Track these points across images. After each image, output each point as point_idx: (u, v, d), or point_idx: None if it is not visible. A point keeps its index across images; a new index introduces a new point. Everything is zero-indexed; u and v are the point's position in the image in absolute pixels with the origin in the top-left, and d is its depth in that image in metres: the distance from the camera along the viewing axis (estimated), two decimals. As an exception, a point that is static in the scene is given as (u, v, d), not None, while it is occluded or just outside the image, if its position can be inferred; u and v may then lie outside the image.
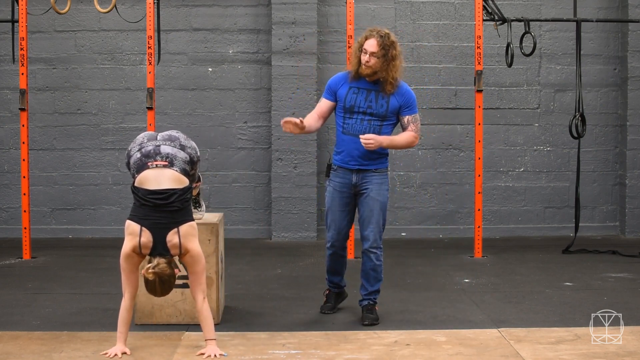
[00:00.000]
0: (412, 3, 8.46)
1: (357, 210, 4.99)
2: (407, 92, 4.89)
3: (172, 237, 4.10)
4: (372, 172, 4.88)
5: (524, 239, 8.37)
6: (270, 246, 7.96)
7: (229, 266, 6.37)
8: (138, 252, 4.11)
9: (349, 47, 7.07)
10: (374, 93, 4.84)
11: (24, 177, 7.05)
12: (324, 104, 5.02)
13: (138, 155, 4.22)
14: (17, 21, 7.00)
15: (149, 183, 4.14)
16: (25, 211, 7.06)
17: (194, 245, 4.16)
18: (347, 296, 5.29)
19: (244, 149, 8.45)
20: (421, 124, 8.63)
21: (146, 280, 4.05)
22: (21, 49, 6.94)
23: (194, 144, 4.38)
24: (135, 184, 4.18)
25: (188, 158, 4.28)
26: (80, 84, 8.38)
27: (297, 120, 4.79)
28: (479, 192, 7.14)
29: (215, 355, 4.13)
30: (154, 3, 7.10)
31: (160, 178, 4.15)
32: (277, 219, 8.26)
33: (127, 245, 4.11)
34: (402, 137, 4.88)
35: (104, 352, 4.18)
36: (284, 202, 8.25)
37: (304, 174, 8.20)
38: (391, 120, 4.88)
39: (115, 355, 4.14)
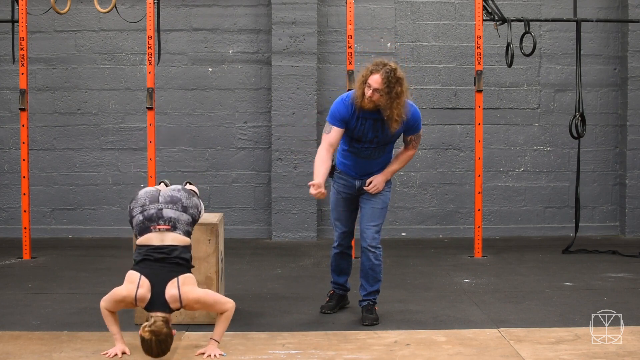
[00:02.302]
0: (412, 3, 8.46)
1: (359, 208, 5.00)
2: (412, 118, 4.76)
3: (170, 289, 4.07)
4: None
5: (524, 239, 8.37)
6: (270, 246, 7.96)
7: (229, 266, 6.37)
8: (132, 302, 4.07)
9: (349, 47, 7.07)
10: (380, 122, 4.72)
11: (24, 177, 7.05)
12: (337, 132, 4.73)
13: (140, 217, 4.26)
14: (17, 21, 7.00)
15: (151, 242, 4.20)
16: (25, 211, 7.06)
17: (196, 292, 4.12)
18: (348, 303, 5.28)
19: (244, 149, 8.45)
20: (421, 124, 8.67)
21: (142, 340, 3.94)
22: (21, 49, 6.94)
23: (195, 202, 4.41)
24: (137, 244, 4.24)
25: (190, 219, 4.33)
26: (80, 84, 8.38)
27: (323, 191, 4.60)
28: (479, 192, 7.14)
29: (215, 355, 4.13)
30: (154, 3, 7.10)
31: (164, 239, 4.21)
32: (277, 219, 8.26)
33: (123, 290, 4.09)
34: (400, 162, 4.95)
35: (104, 352, 4.18)
36: (284, 202, 8.25)
37: (304, 174, 8.20)
38: (394, 142, 4.92)
39: (116, 355, 4.14)
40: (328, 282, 5.40)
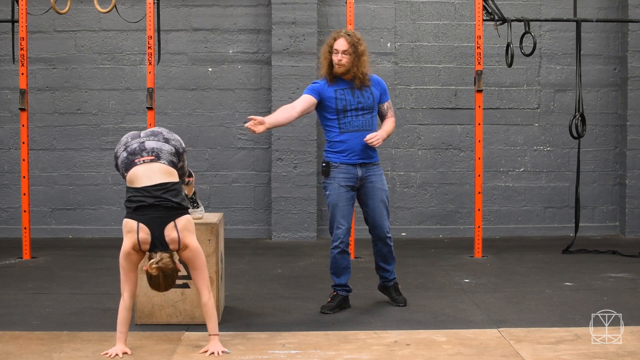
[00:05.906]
0: (412, 3, 8.46)
1: (364, 204, 5.15)
2: (380, 81, 5.21)
3: (170, 232, 4.13)
4: (372, 165, 5.12)
5: (524, 239, 8.37)
6: (270, 246, 7.96)
7: (229, 266, 6.38)
8: (137, 249, 4.13)
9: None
10: (357, 89, 5.05)
11: (24, 177, 7.05)
12: (308, 98, 5.09)
13: (124, 154, 4.28)
14: (17, 21, 7.00)
15: (139, 180, 4.18)
16: (25, 211, 7.07)
17: (192, 240, 4.19)
18: (350, 307, 5.26)
19: (244, 149, 8.45)
20: (421, 124, 8.69)
21: (149, 276, 4.07)
22: (21, 49, 6.94)
23: (177, 137, 4.46)
24: (127, 184, 4.24)
25: (173, 150, 4.34)
26: (80, 84, 8.38)
27: (254, 119, 4.80)
28: (479, 192, 7.14)
29: (218, 353, 4.13)
30: (154, 3, 7.10)
31: (150, 173, 4.20)
32: (277, 219, 8.26)
33: (127, 242, 4.13)
34: (389, 126, 5.21)
35: (104, 352, 4.18)
36: (284, 202, 8.25)
37: (304, 174, 8.20)
38: (376, 111, 5.15)
39: (116, 355, 4.14)
40: (328, 282, 5.40)
